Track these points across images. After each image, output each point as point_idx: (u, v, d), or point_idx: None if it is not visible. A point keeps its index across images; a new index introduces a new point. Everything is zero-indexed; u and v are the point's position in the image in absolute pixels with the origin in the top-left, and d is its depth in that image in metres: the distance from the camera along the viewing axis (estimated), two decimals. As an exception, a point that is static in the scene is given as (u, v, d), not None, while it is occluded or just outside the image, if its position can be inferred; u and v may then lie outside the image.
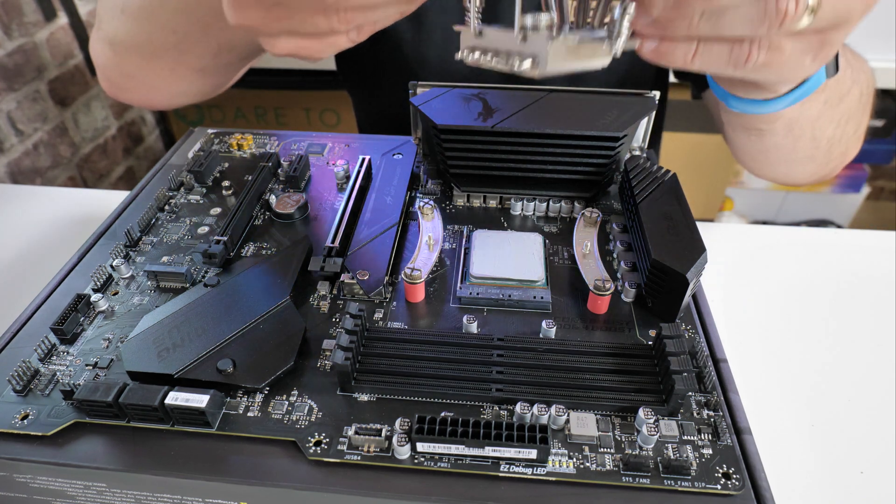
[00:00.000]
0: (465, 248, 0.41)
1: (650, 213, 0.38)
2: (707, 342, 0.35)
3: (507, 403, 0.31)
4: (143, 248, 0.41)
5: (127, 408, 0.29)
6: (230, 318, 0.34)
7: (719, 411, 0.30)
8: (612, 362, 0.32)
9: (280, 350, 0.32)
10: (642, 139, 0.48)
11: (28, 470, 0.29)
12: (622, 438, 0.29)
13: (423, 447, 0.28)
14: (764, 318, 0.47)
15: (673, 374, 0.29)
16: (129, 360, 0.31)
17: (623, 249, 0.40)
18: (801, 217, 1.66)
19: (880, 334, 0.46)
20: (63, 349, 0.34)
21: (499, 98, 0.45)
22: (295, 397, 0.31)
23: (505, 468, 0.28)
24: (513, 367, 0.31)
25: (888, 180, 1.66)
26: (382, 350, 0.32)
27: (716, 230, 0.58)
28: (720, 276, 0.50)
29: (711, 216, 1.60)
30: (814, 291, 0.50)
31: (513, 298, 0.36)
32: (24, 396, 0.31)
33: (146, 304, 0.37)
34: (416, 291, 0.37)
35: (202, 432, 0.29)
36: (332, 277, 0.38)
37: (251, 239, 0.42)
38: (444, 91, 0.46)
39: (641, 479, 0.27)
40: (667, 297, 0.35)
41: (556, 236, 0.43)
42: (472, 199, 0.46)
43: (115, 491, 0.29)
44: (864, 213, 1.64)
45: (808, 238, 0.57)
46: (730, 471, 0.28)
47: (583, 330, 0.35)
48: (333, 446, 0.29)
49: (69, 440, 0.29)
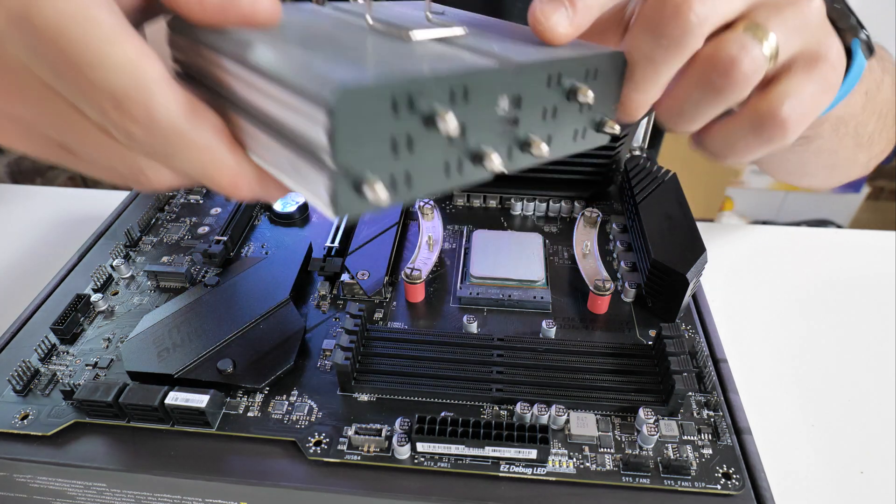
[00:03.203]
0: (465, 248, 0.41)
1: (650, 213, 0.38)
2: (707, 342, 0.35)
3: (507, 403, 0.31)
4: (143, 248, 0.41)
5: (127, 408, 0.29)
6: (230, 318, 0.34)
7: (719, 411, 0.30)
8: (612, 362, 0.32)
9: (280, 350, 0.32)
10: (642, 139, 0.48)
11: (28, 470, 0.29)
12: (622, 438, 0.29)
13: (423, 447, 0.28)
14: (764, 318, 0.47)
15: (673, 374, 0.29)
16: (129, 360, 0.31)
17: (623, 249, 0.40)
18: (801, 217, 1.66)
19: (880, 334, 0.46)
20: (63, 349, 0.34)
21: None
22: (295, 397, 0.31)
23: (505, 468, 0.28)
24: (513, 367, 0.31)
25: (888, 180, 1.66)
26: (382, 350, 0.32)
27: (716, 230, 0.58)
28: (720, 276, 0.50)
29: (711, 216, 1.60)
30: (814, 291, 0.50)
31: (513, 298, 0.36)
32: (24, 396, 0.31)
33: (146, 304, 0.37)
34: (416, 291, 0.37)
35: (202, 432, 0.29)
36: (332, 277, 0.38)
37: (251, 239, 0.42)
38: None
39: (641, 479, 0.27)
40: (667, 297, 0.35)
41: (556, 236, 0.43)
42: (472, 199, 0.46)
43: (115, 491, 0.29)
44: (864, 213, 1.64)
45: (808, 238, 0.57)
46: (730, 471, 0.28)
47: (583, 330, 0.35)
48: (333, 446, 0.29)
49: (69, 440, 0.29)
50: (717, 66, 0.24)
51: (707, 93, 0.25)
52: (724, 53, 0.24)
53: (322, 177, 0.18)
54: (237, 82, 0.21)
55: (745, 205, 1.67)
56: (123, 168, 0.22)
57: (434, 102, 0.18)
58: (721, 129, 0.27)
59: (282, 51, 0.20)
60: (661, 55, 0.24)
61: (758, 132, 0.26)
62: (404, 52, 0.21)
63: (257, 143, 0.21)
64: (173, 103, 0.20)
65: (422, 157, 0.19)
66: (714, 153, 0.29)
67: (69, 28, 0.19)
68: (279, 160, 0.20)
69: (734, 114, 0.27)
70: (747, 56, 0.24)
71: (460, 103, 0.19)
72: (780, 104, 0.25)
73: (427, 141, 0.19)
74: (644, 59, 0.25)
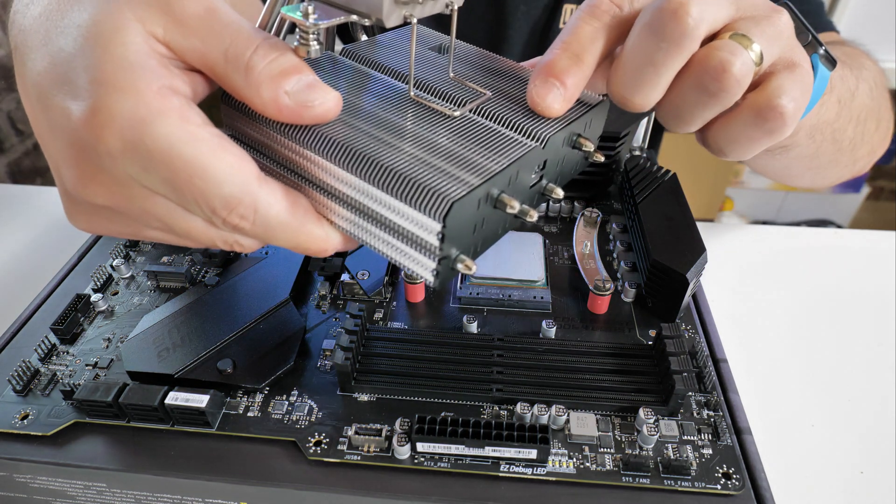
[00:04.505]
0: (465, 248, 0.41)
1: (650, 213, 0.38)
2: (707, 342, 0.35)
3: (507, 403, 0.31)
4: (143, 248, 0.41)
5: (127, 408, 0.29)
6: (230, 318, 0.34)
7: (719, 411, 0.30)
8: (612, 362, 0.32)
9: (280, 350, 0.32)
10: (642, 139, 0.48)
11: (28, 470, 0.29)
12: (622, 438, 0.29)
13: (423, 447, 0.28)
14: (764, 318, 0.47)
15: (673, 374, 0.29)
16: (129, 360, 0.31)
17: (623, 249, 0.40)
18: (801, 217, 1.66)
19: (880, 334, 0.46)
20: (63, 349, 0.34)
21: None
22: (295, 397, 0.31)
23: (505, 468, 0.28)
24: (513, 367, 0.31)
25: (888, 180, 1.66)
26: (382, 350, 0.32)
27: (716, 230, 0.58)
28: (720, 276, 0.50)
29: (711, 216, 1.60)
30: (814, 291, 0.50)
31: (513, 298, 0.36)
32: (24, 396, 0.31)
33: (146, 304, 0.37)
34: (416, 291, 0.37)
35: (202, 432, 0.29)
36: (332, 277, 0.38)
37: (251, 239, 0.42)
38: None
39: (641, 479, 0.27)
40: (667, 297, 0.35)
41: (556, 236, 0.43)
42: (472, 199, 0.46)
43: (115, 491, 0.29)
44: (864, 213, 1.64)
45: (808, 238, 0.57)
46: (730, 471, 0.28)
47: (583, 330, 0.35)
48: (333, 446, 0.29)
49: (69, 440, 0.29)
50: (709, 70, 0.26)
51: (702, 95, 0.27)
52: (716, 58, 0.26)
53: (427, 259, 0.23)
54: (322, 172, 0.24)
55: (745, 205, 1.67)
56: (221, 242, 0.25)
57: (501, 192, 0.24)
58: (723, 125, 0.29)
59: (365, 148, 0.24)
60: (662, 57, 0.26)
61: (759, 125, 0.28)
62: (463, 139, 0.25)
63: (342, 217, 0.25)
64: (275, 200, 0.23)
65: (489, 228, 0.26)
66: (717, 149, 0.31)
67: (178, 149, 0.21)
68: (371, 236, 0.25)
69: (735, 110, 0.28)
70: (738, 60, 0.26)
71: (512, 182, 0.25)
72: (777, 97, 0.27)
73: (495, 217, 0.25)
74: (647, 62, 0.26)
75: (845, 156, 0.51)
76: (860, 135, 0.50)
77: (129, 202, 0.23)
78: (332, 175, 0.24)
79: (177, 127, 0.21)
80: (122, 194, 0.23)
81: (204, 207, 0.22)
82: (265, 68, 0.22)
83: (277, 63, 0.22)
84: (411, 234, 0.23)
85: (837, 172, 0.55)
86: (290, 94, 0.23)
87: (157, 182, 0.22)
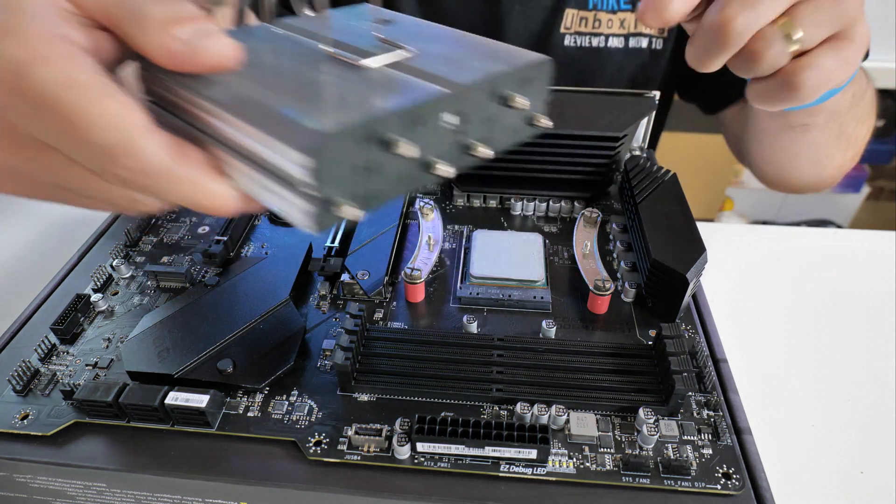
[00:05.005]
0: (465, 248, 0.41)
1: (650, 213, 0.38)
2: (707, 342, 0.35)
3: (507, 403, 0.31)
4: (143, 248, 0.41)
5: (127, 408, 0.29)
6: (230, 318, 0.34)
7: (719, 411, 0.30)
8: (612, 362, 0.32)
9: (280, 350, 0.32)
10: (642, 139, 0.48)
11: (28, 470, 0.29)
12: (622, 438, 0.29)
13: (423, 447, 0.28)
14: (764, 318, 0.47)
15: (673, 374, 0.29)
16: (129, 360, 0.31)
17: (623, 249, 0.40)
18: (801, 217, 1.66)
19: (880, 334, 0.46)
20: (63, 349, 0.34)
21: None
22: (295, 397, 0.31)
23: (505, 468, 0.28)
24: (513, 367, 0.31)
25: (888, 180, 1.66)
26: (382, 350, 0.32)
27: (716, 230, 0.58)
28: (720, 276, 0.50)
29: (711, 216, 1.60)
30: (814, 291, 0.50)
31: (513, 298, 0.36)
32: (24, 396, 0.31)
33: (146, 304, 0.37)
34: (416, 291, 0.37)
35: (202, 432, 0.29)
36: (332, 277, 0.38)
37: (251, 239, 0.42)
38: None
39: (641, 479, 0.27)
40: (667, 297, 0.35)
41: (556, 236, 0.43)
42: (472, 199, 0.46)
43: (114, 491, 0.29)
44: (864, 213, 1.64)
45: (808, 238, 0.57)
46: (730, 471, 0.28)
47: (583, 330, 0.35)
48: (333, 446, 0.29)
49: (69, 440, 0.29)
50: (746, 55, 0.31)
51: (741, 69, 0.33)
52: (752, 46, 0.31)
53: (304, 203, 0.21)
54: (215, 121, 0.23)
55: (745, 205, 1.67)
56: (121, 202, 0.25)
57: (391, 133, 0.22)
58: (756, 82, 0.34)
59: (255, 94, 0.22)
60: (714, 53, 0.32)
61: (779, 89, 0.33)
62: (362, 84, 0.23)
63: (237, 171, 0.24)
64: (159, 148, 0.22)
65: (382, 175, 0.23)
66: (750, 98, 0.35)
67: (58, 94, 0.20)
68: (260, 187, 0.23)
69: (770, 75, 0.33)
70: (769, 51, 0.31)
71: (413, 128, 0.22)
72: (798, 73, 0.32)
73: (387, 162, 0.22)
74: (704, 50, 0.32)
75: (840, 153, 0.53)
76: (856, 135, 0.52)
77: (21, 155, 0.23)
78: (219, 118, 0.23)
79: (59, 72, 0.21)
80: (12, 146, 0.23)
81: (87, 157, 0.22)
82: (158, 14, 0.22)
83: (172, 10, 0.22)
84: (289, 175, 0.21)
85: (832, 172, 0.56)
86: (183, 41, 0.22)
87: (44, 131, 0.22)
